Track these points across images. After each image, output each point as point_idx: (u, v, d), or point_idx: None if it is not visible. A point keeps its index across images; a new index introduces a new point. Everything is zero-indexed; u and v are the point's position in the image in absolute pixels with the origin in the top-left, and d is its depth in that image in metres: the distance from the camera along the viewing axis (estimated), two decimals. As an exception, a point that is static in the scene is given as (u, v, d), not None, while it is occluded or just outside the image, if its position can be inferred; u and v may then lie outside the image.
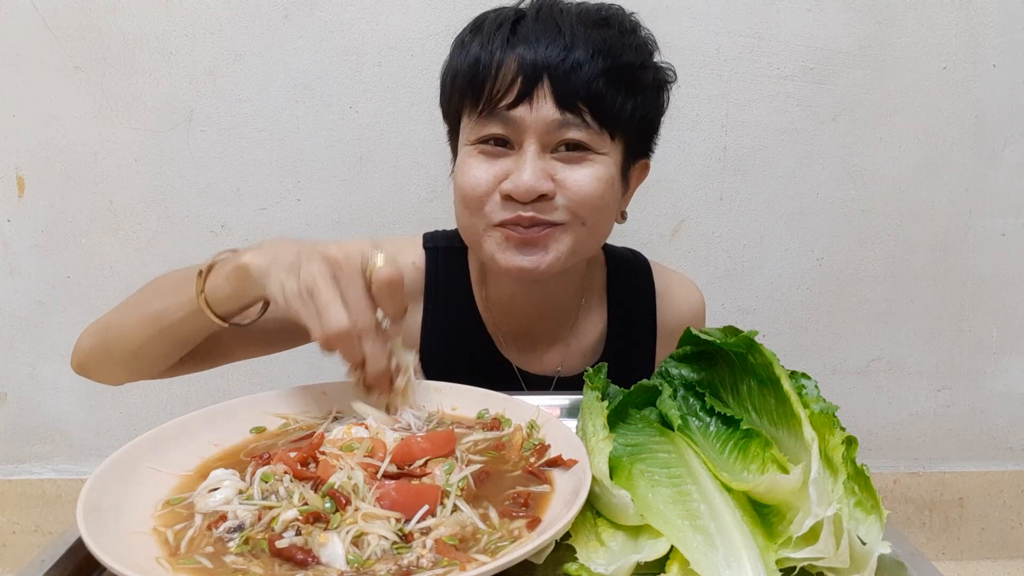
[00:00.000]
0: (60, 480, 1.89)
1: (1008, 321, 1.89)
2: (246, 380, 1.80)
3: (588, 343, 1.09)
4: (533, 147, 0.86)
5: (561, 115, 0.85)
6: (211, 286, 0.78)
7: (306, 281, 0.68)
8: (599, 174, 0.88)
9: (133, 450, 0.64)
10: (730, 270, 1.82)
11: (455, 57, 0.92)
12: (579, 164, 0.88)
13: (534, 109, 0.85)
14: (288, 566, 0.52)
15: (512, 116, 0.85)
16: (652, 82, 0.92)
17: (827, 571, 0.54)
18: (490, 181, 0.88)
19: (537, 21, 0.87)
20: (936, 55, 1.72)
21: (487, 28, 0.89)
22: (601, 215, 0.92)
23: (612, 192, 0.91)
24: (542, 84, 0.84)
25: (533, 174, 0.85)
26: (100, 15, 1.63)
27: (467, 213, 0.91)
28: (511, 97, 0.85)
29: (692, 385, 0.76)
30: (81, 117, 1.68)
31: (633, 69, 0.88)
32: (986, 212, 1.82)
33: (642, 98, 0.91)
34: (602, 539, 0.58)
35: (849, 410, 1.90)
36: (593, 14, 0.89)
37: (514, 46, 0.86)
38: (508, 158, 0.88)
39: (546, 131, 0.86)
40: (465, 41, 0.91)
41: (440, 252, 1.07)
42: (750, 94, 1.72)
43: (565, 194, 0.87)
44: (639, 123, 0.93)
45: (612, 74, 0.86)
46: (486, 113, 0.87)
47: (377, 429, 0.69)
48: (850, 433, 0.58)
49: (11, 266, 1.76)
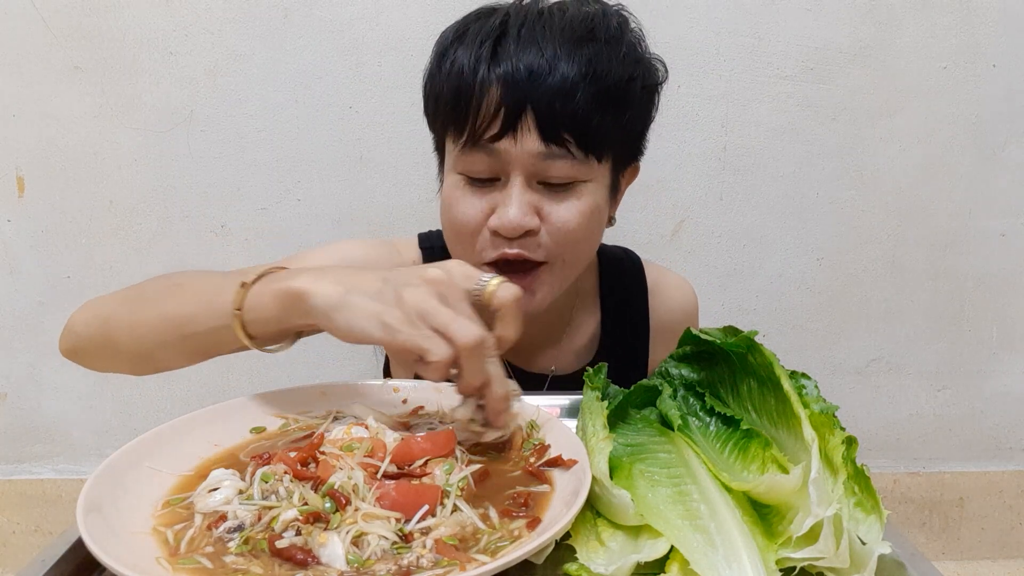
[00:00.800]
0: (60, 480, 1.89)
1: (1008, 321, 1.89)
2: (246, 380, 1.81)
3: (581, 342, 1.09)
4: (519, 180, 0.85)
5: (546, 148, 0.83)
6: (252, 305, 0.70)
7: (414, 307, 0.62)
8: (584, 207, 0.87)
9: (133, 450, 0.64)
10: (730, 270, 1.82)
11: (436, 70, 0.89)
12: (565, 196, 0.87)
13: (518, 142, 0.83)
14: (288, 566, 0.52)
15: (496, 148, 0.84)
16: (641, 91, 0.90)
17: (827, 571, 0.54)
18: (479, 217, 0.87)
19: (519, 40, 0.83)
20: (936, 55, 1.72)
21: (469, 40, 0.86)
22: (584, 248, 0.92)
23: (597, 220, 0.91)
24: (525, 116, 0.82)
25: (520, 210, 0.84)
26: (100, 15, 1.63)
27: (459, 245, 0.91)
28: (494, 130, 0.83)
29: (692, 385, 0.76)
30: (81, 117, 1.68)
31: (621, 86, 0.85)
32: (986, 212, 1.82)
33: (631, 113, 0.89)
34: (602, 539, 0.58)
35: (849, 410, 1.90)
36: (578, 26, 0.85)
37: (496, 67, 0.82)
38: (495, 191, 0.87)
39: (531, 163, 0.84)
40: (447, 52, 0.88)
41: (437, 252, 1.07)
42: (750, 94, 1.72)
43: (549, 231, 0.87)
44: (628, 135, 0.92)
45: (599, 97, 0.83)
46: (470, 145, 0.85)
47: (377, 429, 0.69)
48: (850, 433, 0.58)
49: (11, 266, 1.76)
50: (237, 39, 1.65)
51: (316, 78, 1.67)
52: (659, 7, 1.65)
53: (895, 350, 1.90)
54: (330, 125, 1.69)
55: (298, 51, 1.66)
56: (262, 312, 0.69)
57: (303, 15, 1.64)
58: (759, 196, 1.78)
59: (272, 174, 1.72)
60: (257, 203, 1.73)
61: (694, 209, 1.78)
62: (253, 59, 1.66)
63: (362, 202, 1.74)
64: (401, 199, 1.73)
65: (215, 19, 1.64)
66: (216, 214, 1.74)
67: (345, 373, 1.79)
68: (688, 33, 1.68)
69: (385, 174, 1.72)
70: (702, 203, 1.78)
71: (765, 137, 1.75)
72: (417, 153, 1.70)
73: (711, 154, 1.75)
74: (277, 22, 1.64)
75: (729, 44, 1.69)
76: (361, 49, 1.66)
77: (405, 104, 1.68)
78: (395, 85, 1.68)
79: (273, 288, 0.68)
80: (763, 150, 1.75)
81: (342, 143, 1.70)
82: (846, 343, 1.89)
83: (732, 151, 1.75)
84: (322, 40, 1.65)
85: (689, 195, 1.77)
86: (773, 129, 1.74)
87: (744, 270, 1.83)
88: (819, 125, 1.74)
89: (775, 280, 1.84)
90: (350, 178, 1.72)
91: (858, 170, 1.78)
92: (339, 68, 1.67)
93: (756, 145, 1.75)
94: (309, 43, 1.66)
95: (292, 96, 1.68)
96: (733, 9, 1.67)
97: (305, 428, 0.73)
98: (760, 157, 1.76)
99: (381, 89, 1.68)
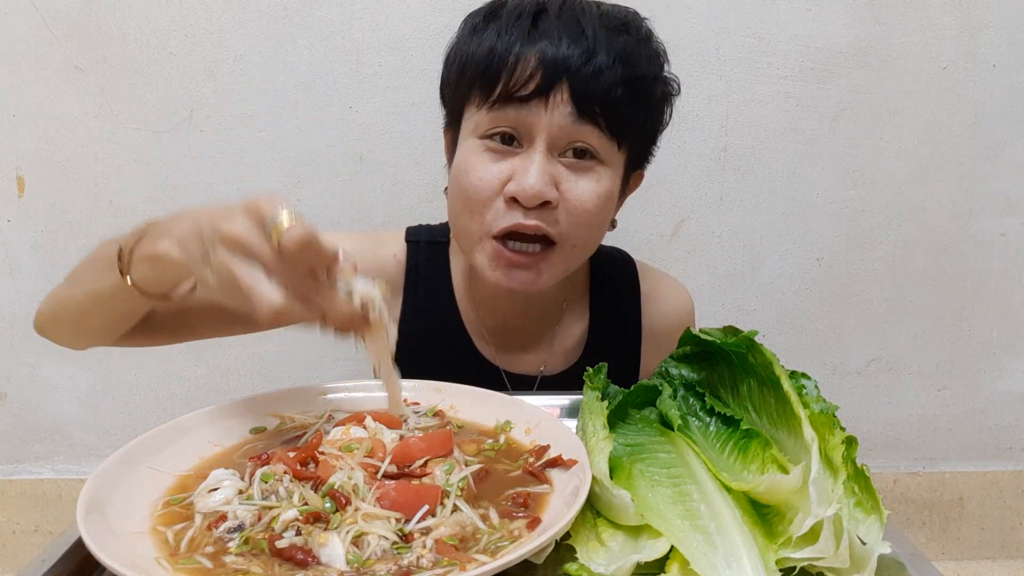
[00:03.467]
0: (60, 480, 1.89)
1: (1008, 321, 1.89)
2: (246, 380, 1.81)
3: (570, 343, 1.07)
4: (542, 148, 0.84)
5: (578, 118, 0.83)
6: (137, 272, 0.72)
7: (220, 272, 0.60)
8: (601, 189, 0.87)
9: (133, 450, 0.64)
10: (730, 270, 1.82)
11: (466, 42, 0.88)
12: (585, 174, 0.87)
13: (550, 108, 0.83)
14: (288, 566, 0.52)
15: (526, 111, 0.83)
16: (660, 95, 0.92)
17: (827, 571, 0.54)
18: (495, 183, 0.85)
19: (560, 18, 0.84)
20: (936, 55, 1.72)
21: (505, 17, 0.86)
22: (594, 234, 0.92)
23: (609, 208, 0.91)
24: (562, 84, 0.82)
25: (541, 178, 0.83)
26: (100, 15, 1.63)
27: (467, 214, 0.88)
28: (528, 91, 0.82)
29: (692, 385, 0.76)
30: (81, 117, 1.68)
31: (647, 81, 0.88)
32: (986, 212, 1.82)
33: (651, 111, 0.91)
34: (602, 539, 0.58)
35: (849, 410, 1.90)
36: (614, 18, 0.87)
37: (534, 40, 0.83)
38: (515, 157, 0.85)
39: (559, 133, 0.84)
40: (478, 27, 0.88)
41: (422, 247, 1.05)
42: (750, 94, 1.72)
43: (566, 207, 0.86)
44: (645, 134, 0.93)
45: (629, 83, 0.84)
46: (499, 104, 0.84)
47: (376, 429, 0.69)
48: (850, 433, 0.58)
49: (11, 266, 1.76)
50: (237, 39, 1.65)
51: (316, 78, 1.67)
52: (659, 7, 1.65)
53: (895, 350, 1.90)
54: (330, 125, 1.69)
55: (298, 51, 1.66)
56: (148, 277, 0.71)
57: (303, 15, 1.64)
58: (759, 196, 1.78)
59: (272, 174, 1.71)
60: (257, 203, 1.73)
61: (694, 209, 1.78)
62: (253, 59, 1.66)
63: (362, 202, 1.74)
64: (401, 199, 1.73)
65: (215, 19, 1.64)
66: (216, 214, 1.73)
67: (345, 373, 1.78)
68: (688, 33, 1.68)
69: (385, 174, 1.72)
70: (702, 203, 1.78)
71: (765, 137, 1.74)
72: (417, 153, 1.70)
73: (711, 154, 1.75)
74: (277, 22, 1.64)
75: (729, 44, 1.69)
76: (361, 49, 1.66)
77: (405, 104, 1.68)
78: (395, 85, 1.68)
79: (145, 254, 0.70)
80: (763, 150, 1.75)
81: (342, 143, 1.70)
82: (846, 343, 1.88)
83: (732, 151, 1.75)
84: (322, 40, 1.65)
85: (689, 195, 1.77)
86: (773, 129, 1.74)
87: (744, 270, 1.83)
88: (819, 125, 1.74)
89: (775, 280, 1.84)
90: (350, 178, 1.72)
91: (858, 170, 1.78)
92: (339, 68, 1.67)
93: (756, 145, 1.75)
94: (309, 43, 1.65)
95: (292, 96, 1.68)
96: (733, 9, 1.67)
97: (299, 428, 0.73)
98: (760, 157, 1.76)
99: (381, 89, 1.68)
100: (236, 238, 0.59)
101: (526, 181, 0.83)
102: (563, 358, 1.07)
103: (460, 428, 0.75)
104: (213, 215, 0.61)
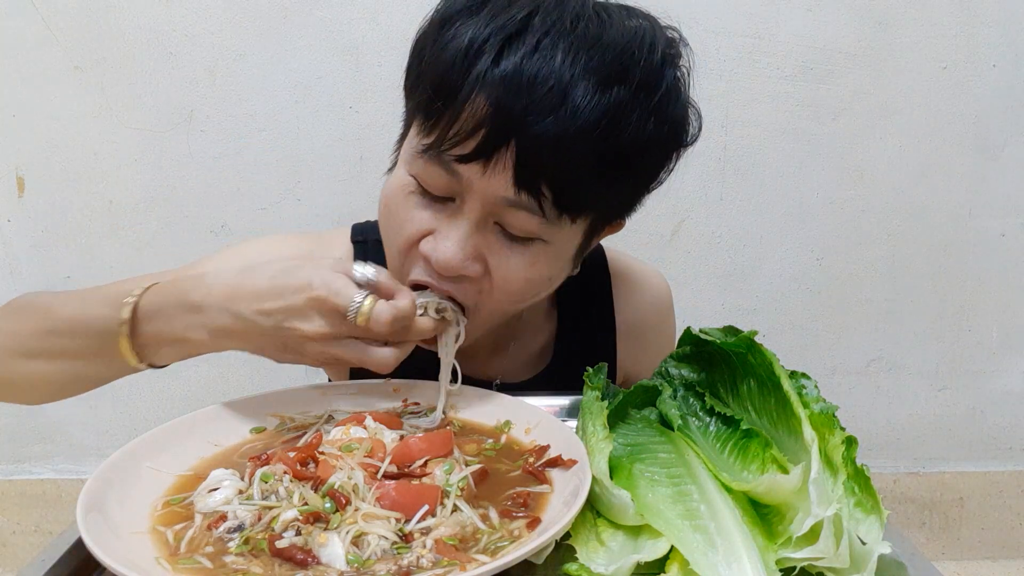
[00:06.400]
0: (60, 480, 1.89)
1: (1008, 321, 1.89)
2: (246, 380, 1.80)
3: (534, 349, 0.99)
4: (472, 216, 0.71)
5: (515, 195, 0.69)
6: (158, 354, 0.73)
7: (319, 360, 0.70)
8: (538, 271, 0.75)
9: (133, 450, 0.64)
10: (730, 270, 1.82)
11: (433, 37, 0.75)
12: (520, 249, 0.73)
13: (487, 174, 0.68)
14: (288, 566, 0.52)
15: (459, 170, 0.69)
16: (657, 154, 0.77)
17: (827, 571, 0.54)
18: (414, 234, 0.74)
19: (536, 51, 0.67)
20: (936, 55, 1.72)
21: (481, 18, 0.70)
22: (527, 300, 0.80)
23: (551, 275, 0.78)
24: (506, 149, 0.67)
25: (460, 252, 0.71)
26: (100, 15, 1.63)
27: (386, 239, 0.79)
28: (466, 149, 0.68)
29: (692, 385, 0.76)
30: (81, 117, 1.68)
31: (634, 147, 0.71)
32: (986, 212, 1.82)
33: (634, 178, 0.77)
34: (602, 539, 0.58)
35: (849, 410, 1.90)
36: (613, 56, 0.68)
37: (496, 73, 0.66)
38: (444, 210, 0.73)
39: (492, 203, 0.70)
40: (451, 20, 0.73)
41: (370, 246, 0.95)
42: (750, 94, 1.72)
43: (491, 283, 0.74)
44: (619, 201, 0.79)
45: (602, 157, 0.69)
46: (432, 154, 0.70)
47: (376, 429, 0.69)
48: (850, 433, 0.58)
49: (11, 266, 1.76)
50: (237, 39, 1.65)
51: (316, 78, 1.67)
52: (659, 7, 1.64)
53: (895, 350, 1.90)
54: (330, 125, 1.69)
55: (298, 51, 1.66)
56: (165, 354, 0.73)
57: (303, 15, 1.64)
58: (759, 196, 1.78)
59: (272, 174, 1.71)
60: (257, 203, 1.73)
61: (694, 209, 1.78)
62: (253, 59, 1.66)
63: (362, 202, 1.73)
64: (401, 199, 1.73)
65: (215, 19, 1.64)
66: (216, 214, 1.73)
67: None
68: (687, 33, 1.67)
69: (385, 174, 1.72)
70: (702, 203, 1.78)
71: (765, 137, 1.74)
72: (417, 153, 1.70)
73: (711, 154, 1.75)
74: (277, 22, 1.64)
75: (729, 44, 1.69)
76: (361, 49, 1.66)
77: (405, 104, 1.68)
78: (395, 85, 1.65)
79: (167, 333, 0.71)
80: (763, 150, 1.75)
81: (342, 143, 1.70)
82: (846, 343, 1.88)
83: (732, 151, 1.75)
84: (322, 40, 1.65)
85: (689, 195, 1.77)
86: (773, 129, 1.74)
87: (744, 270, 1.82)
88: (819, 125, 1.74)
89: (775, 280, 1.84)
90: (350, 178, 1.72)
91: (858, 170, 1.78)
92: (339, 68, 1.67)
93: (756, 145, 1.75)
94: (309, 43, 1.65)
95: (292, 96, 1.68)
96: (733, 9, 1.67)
97: (299, 428, 0.73)
98: (760, 157, 1.76)
99: (381, 89, 1.68)
100: (324, 336, 0.66)
101: (442, 250, 0.71)
102: (523, 367, 0.98)
103: (460, 428, 0.75)
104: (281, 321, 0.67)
